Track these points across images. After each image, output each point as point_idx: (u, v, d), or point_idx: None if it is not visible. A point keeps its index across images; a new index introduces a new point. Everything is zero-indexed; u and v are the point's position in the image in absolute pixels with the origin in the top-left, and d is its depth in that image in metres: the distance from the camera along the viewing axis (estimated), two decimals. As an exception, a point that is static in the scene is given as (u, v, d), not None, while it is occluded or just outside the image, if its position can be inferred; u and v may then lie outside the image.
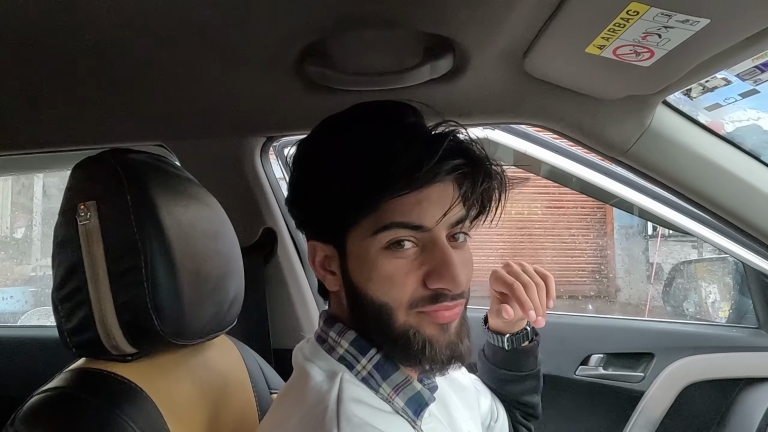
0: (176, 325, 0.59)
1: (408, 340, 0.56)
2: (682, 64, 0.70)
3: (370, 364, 0.59)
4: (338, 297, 0.62)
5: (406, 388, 0.59)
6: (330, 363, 0.60)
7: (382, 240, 0.54)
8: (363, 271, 0.56)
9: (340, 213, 0.56)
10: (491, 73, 0.86)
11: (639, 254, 5.74)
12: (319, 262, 0.61)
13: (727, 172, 0.94)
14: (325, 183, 0.57)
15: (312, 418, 0.54)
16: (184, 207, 0.64)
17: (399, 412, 0.59)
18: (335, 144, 0.58)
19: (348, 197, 0.54)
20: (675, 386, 1.21)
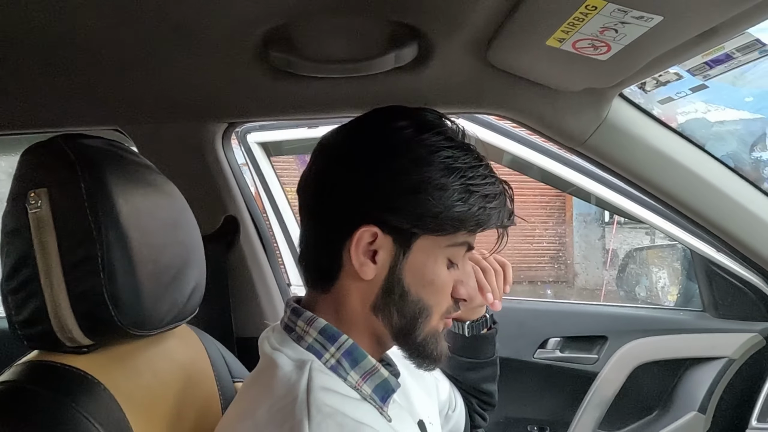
0: (135, 316, 0.58)
1: (428, 342, 0.62)
2: (637, 59, 0.73)
3: (339, 352, 0.60)
4: (353, 287, 0.60)
5: (374, 375, 0.60)
6: (298, 352, 0.60)
7: (451, 254, 0.61)
8: (420, 274, 0.59)
9: (434, 220, 0.57)
10: (456, 63, 0.86)
11: (595, 241, 5.95)
12: (363, 248, 0.58)
13: (678, 164, 0.99)
14: (428, 187, 0.57)
15: (281, 408, 0.54)
16: (143, 195, 0.62)
17: (367, 399, 0.59)
18: (444, 157, 0.58)
19: (451, 214, 0.57)
20: (626, 367, 1.27)
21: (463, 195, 0.57)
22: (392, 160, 0.57)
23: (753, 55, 0.77)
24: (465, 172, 0.58)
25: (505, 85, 0.90)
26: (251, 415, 0.56)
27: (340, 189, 0.59)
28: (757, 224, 1.03)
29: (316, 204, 0.61)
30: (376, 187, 0.57)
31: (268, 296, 1.13)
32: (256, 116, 0.99)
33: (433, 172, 0.57)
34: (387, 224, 0.57)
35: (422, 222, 0.57)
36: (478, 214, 0.58)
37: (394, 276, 0.59)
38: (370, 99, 0.92)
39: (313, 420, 0.52)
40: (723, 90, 3.97)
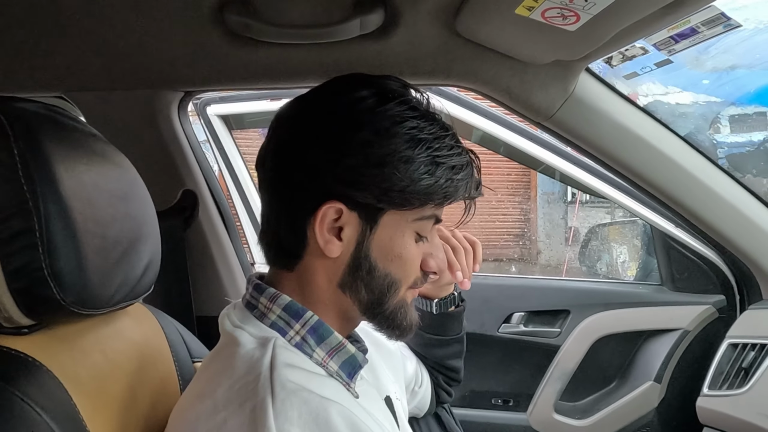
0: (80, 294, 0.54)
1: (397, 313, 0.61)
2: (605, 30, 0.72)
3: (303, 329, 0.58)
4: (318, 264, 0.58)
5: (340, 351, 0.59)
6: (261, 329, 0.57)
7: (419, 228, 0.59)
8: (387, 249, 0.58)
9: (400, 195, 0.55)
10: (423, 32, 0.84)
11: (558, 219, 6.10)
12: (328, 224, 0.56)
13: (641, 139, 1.00)
14: (393, 160, 0.54)
15: (243, 386, 0.52)
16: (86, 165, 0.57)
17: (333, 375, 0.58)
18: (409, 128, 0.55)
19: (417, 188, 0.55)
20: (587, 340, 1.30)
21: (429, 167, 0.55)
22: (354, 132, 0.54)
23: (717, 29, 0.77)
24: (431, 143, 0.55)
25: (473, 56, 0.89)
26: (211, 395, 0.54)
27: (300, 164, 0.56)
28: (715, 200, 1.06)
29: (277, 180, 0.58)
30: (338, 162, 0.54)
31: (230, 273, 1.09)
32: (213, 85, 0.94)
33: (397, 144, 0.54)
34: (352, 200, 0.55)
35: (388, 197, 0.55)
36: (446, 187, 0.56)
37: (361, 252, 0.57)
38: (333, 68, 0.89)
39: (276, 397, 0.50)
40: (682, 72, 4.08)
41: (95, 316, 0.60)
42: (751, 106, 4.70)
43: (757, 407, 0.98)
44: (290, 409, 0.50)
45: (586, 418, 1.31)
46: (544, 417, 1.31)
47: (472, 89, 0.96)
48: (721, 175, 1.07)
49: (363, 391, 0.60)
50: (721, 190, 1.06)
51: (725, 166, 2.23)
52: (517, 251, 6.23)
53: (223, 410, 0.52)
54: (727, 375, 1.08)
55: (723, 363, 1.10)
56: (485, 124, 1.29)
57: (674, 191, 1.05)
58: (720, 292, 1.24)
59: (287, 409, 0.49)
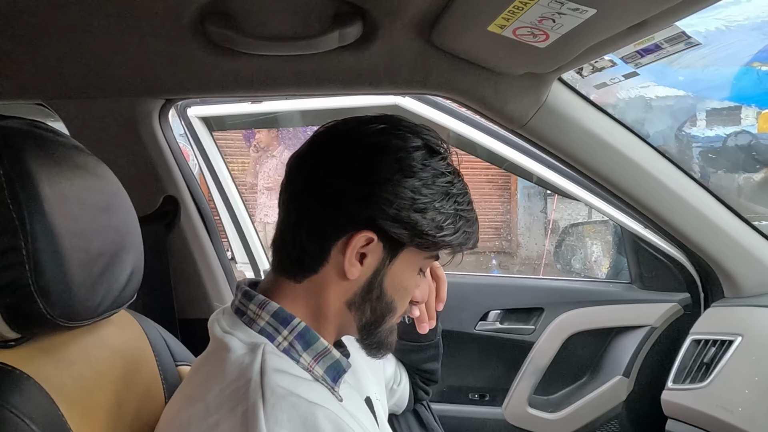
0: (65, 307, 0.55)
1: (388, 336, 0.67)
2: (573, 47, 0.75)
3: (291, 335, 0.60)
4: (333, 282, 0.62)
5: (326, 356, 0.62)
6: (250, 335, 0.60)
7: (424, 265, 0.66)
8: (398, 280, 0.64)
9: (429, 238, 0.61)
10: (400, 44, 0.86)
11: (538, 213, 6.19)
12: (358, 250, 0.60)
13: (610, 146, 1.04)
14: (430, 209, 0.60)
15: (234, 391, 0.54)
16: (70, 179, 0.59)
17: (319, 379, 0.61)
18: (445, 182, 0.62)
19: (442, 235, 0.61)
20: (560, 336, 1.34)
21: (453, 219, 0.62)
22: (406, 179, 0.59)
23: (680, 46, 0.81)
24: (458, 198, 0.62)
25: (449, 67, 0.91)
26: (202, 398, 0.56)
27: (347, 191, 0.59)
28: (680, 203, 1.10)
29: (314, 195, 0.61)
30: (387, 200, 0.59)
31: (212, 277, 1.11)
32: (194, 93, 0.94)
33: (435, 195, 0.60)
34: (385, 234, 0.60)
35: (421, 238, 0.61)
36: (461, 238, 0.63)
37: (377, 279, 0.62)
38: (313, 78, 0.90)
39: (267, 402, 0.52)
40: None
41: (80, 327, 0.62)
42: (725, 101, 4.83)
43: (716, 400, 1.04)
44: (280, 413, 0.52)
45: (558, 411, 1.36)
46: (518, 411, 1.36)
47: (449, 98, 0.98)
48: (685, 179, 1.12)
49: (346, 394, 0.63)
50: (685, 193, 1.11)
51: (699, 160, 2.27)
52: (497, 245, 6.31)
53: (215, 413, 0.54)
54: (690, 370, 1.14)
55: (686, 358, 1.16)
56: (461, 127, 1.32)
57: (641, 195, 1.09)
58: (685, 291, 1.30)
59: (277, 413, 0.52)
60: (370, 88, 0.92)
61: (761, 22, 3.73)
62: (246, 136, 4.79)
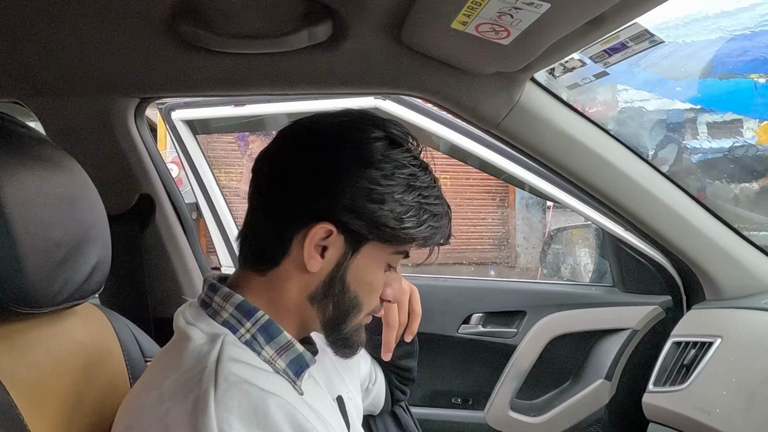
0: (19, 293, 0.56)
1: (353, 334, 0.66)
2: (536, 44, 0.76)
3: (254, 327, 0.61)
4: (294, 275, 0.62)
5: (288, 350, 0.62)
6: (212, 326, 0.60)
7: (391, 260, 0.65)
8: (361, 275, 0.63)
9: (390, 231, 0.60)
10: (370, 43, 0.87)
11: (536, 223, 6.18)
12: (316, 243, 0.60)
13: (585, 147, 1.04)
14: (390, 200, 0.60)
15: (189, 379, 0.54)
16: (30, 169, 0.60)
17: (280, 372, 0.61)
18: (408, 174, 0.61)
19: (404, 228, 0.61)
20: (542, 339, 1.34)
21: (417, 213, 0.61)
22: (364, 169, 0.59)
23: (644, 45, 0.82)
24: (422, 191, 0.62)
25: (420, 67, 0.92)
26: (158, 386, 0.56)
27: (305, 182, 0.60)
28: (657, 205, 1.11)
29: (276, 188, 0.62)
30: (343, 191, 0.59)
31: (187, 276, 1.11)
32: (167, 91, 0.96)
33: (396, 187, 0.60)
34: (344, 226, 0.60)
35: (379, 230, 0.60)
36: (426, 232, 0.63)
37: (338, 273, 0.62)
38: (285, 77, 0.92)
39: (219, 388, 0.52)
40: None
41: (39, 315, 0.62)
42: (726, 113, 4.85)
43: (695, 402, 1.03)
44: (230, 399, 0.52)
45: (540, 415, 1.34)
46: (500, 415, 1.35)
47: (422, 98, 0.99)
48: (663, 181, 1.12)
49: (310, 390, 0.63)
50: (664, 195, 1.11)
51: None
52: (496, 255, 6.29)
53: (167, 401, 0.54)
54: (670, 372, 1.13)
55: (667, 360, 1.15)
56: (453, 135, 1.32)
57: (619, 196, 1.09)
58: (667, 293, 1.29)
59: (228, 399, 0.52)
60: (342, 87, 0.93)
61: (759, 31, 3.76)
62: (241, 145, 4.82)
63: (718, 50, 4.08)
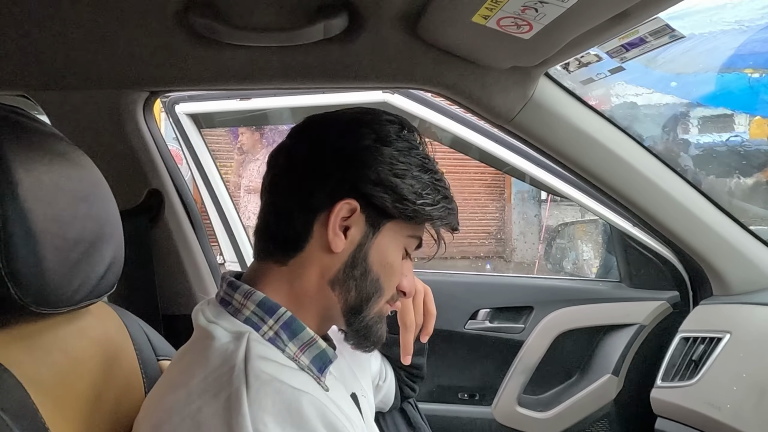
0: (38, 293, 0.54)
1: (374, 324, 0.66)
2: (557, 38, 0.75)
3: (277, 324, 0.60)
4: (317, 258, 0.62)
5: (312, 346, 0.61)
6: (235, 324, 0.60)
7: (407, 244, 0.66)
8: (382, 256, 0.63)
9: (411, 206, 0.61)
10: (386, 37, 0.86)
11: (532, 217, 6.20)
12: (340, 221, 0.61)
13: (598, 143, 1.04)
14: (409, 175, 0.62)
15: (218, 377, 0.54)
16: (47, 165, 0.58)
17: (304, 369, 0.60)
18: (421, 156, 0.64)
19: (424, 204, 0.62)
20: (549, 335, 1.34)
21: (432, 191, 0.63)
22: (383, 146, 0.61)
23: (664, 40, 0.81)
24: (434, 174, 0.64)
25: (435, 61, 0.91)
26: (185, 385, 0.55)
27: (328, 160, 0.61)
28: (668, 201, 1.11)
29: (295, 174, 0.62)
30: (367, 164, 0.60)
31: (197, 272, 1.10)
32: (178, 85, 0.94)
33: (412, 165, 0.62)
34: (368, 201, 0.60)
35: (402, 204, 0.61)
36: (441, 211, 0.64)
37: (361, 253, 0.62)
38: (299, 70, 0.90)
39: (251, 387, 0.52)
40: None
41: (56, 315, 0.61)
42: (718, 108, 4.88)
43: (704, 397, 1.03)
44: (264, 398, 0.52)
45: (548, 410, 1.35)
46: (508, 410, 1.35)
47: (435, 92, 0.98)
48: (674, 177, 1.12)
49: (332, 386, 0.63)
50: (673, 191, 1.11)
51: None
52: (492, 249, 6.31)
53: (197, 399, 0.53)
54: (678, 367, 1.13)
55: (675, 356, 1.16)
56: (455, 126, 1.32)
57: (629, 192, 1.09)
58: (674, 288, 1.30)
59: (261, 398, 0.52)
60: (356, 81, 0.92)
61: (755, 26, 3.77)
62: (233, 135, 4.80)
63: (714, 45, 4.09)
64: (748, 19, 3.68)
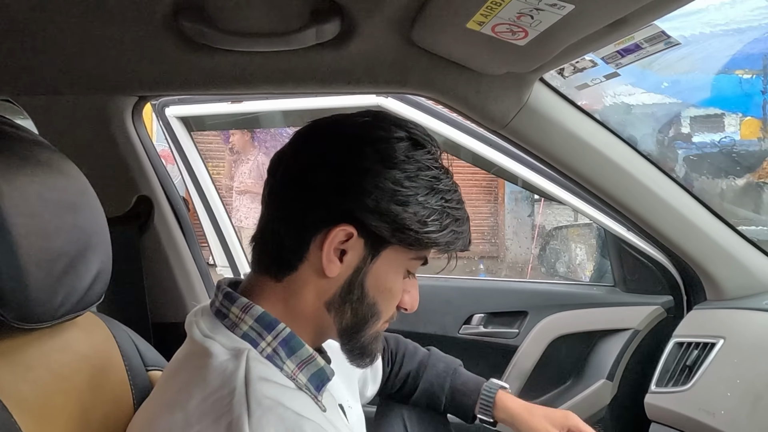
0: (20, 309, 0.52)
1: (371, 342, 0.64)
2: (553, 45, 0.74)
3: (275, 341, 0.58)
4: (311, 280, 0.59)
5: (310, 364, 0.60)
6: (233, 340, 0.58)
7: (410, 266, 0.62)
8: (381, 281, 0.60)
9: (413, 235, 0.58)
10: (380, 42, 0.85)
11: (525, 218, 6.22)
12: (336, 246, 0.58)
13: (592, 148, 1.03)
14: (413, 203, 0.58)
15: (217, 401, 0.52)
16: (29, 176, 0.56)
17: (302, 388, 0.58)
18: (431, 177, 0.60)
19: (427, 232, 0.59)
20: (544, 340, 1.33)
21: (440, 217, 0.59)
22: (388, 170, 0.57)
23: (659, 46, 0.80)
24: (444, 194, 0.60)
25: (429, 66, 0.90)
26: (182, 407, 0.53)
27: (326, 182, 0.58)
28: (662, 206, 1.10)
29: (294, 189, 0.59)
30: (366, 191, 0.57)
31: (187, 280, 1.08)
32: (168, 90, 0.92)
33: (419, 189, 0.58)
34: (366, 228, 0.57)
35: (402, 233, 0.58)
36: (448, 237, 0.61)
37: (358, 278, 0.59)
38: (291, 75, 0.89)
39: (253, 415, 0.50)
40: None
41: (38, 330, 0.59)
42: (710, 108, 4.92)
43: (698, 403, 1.03)
44: (267, 427, 0.50)
45: (542, 415, 1.34)
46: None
47: (430, 98, 0.97)
48: (668, 182, 1.12)
49: (327, 404, 0.61)
50: (668, 196, 1.10)
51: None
52: (485, 249, 6.32)
53: (196, 424, 0.51)
54: (672, 372, 1.13)
55: (669, 361, 1.15)
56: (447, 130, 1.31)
57: (624, 197, 1.09)
58: (668, 293, 1.30)
59: (263, 427, 0.50)
60: (350, 86, 0.91)
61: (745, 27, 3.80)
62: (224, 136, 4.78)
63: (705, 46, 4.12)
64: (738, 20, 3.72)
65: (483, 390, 0.91)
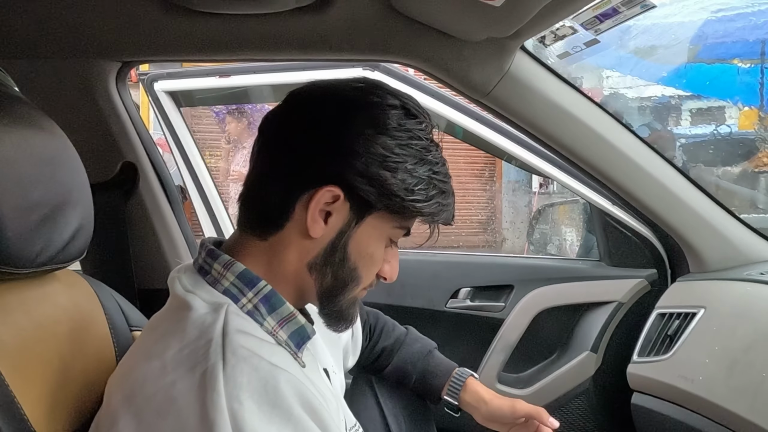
0: None
1: (348, 307, 0.65)
2: (527, 6, 0.75)
3: (256, 297, 0.59)
4: (295, 241, 0.60)
5: (290, 321, 0.60)
6: (213, 295, 0.58)
7: (393, 234, 0.63)
8: (363, 246, 0.61)
9: (399, 201, 0.59)
10: (360, 7, 0.85)
11: (522, 207, 6.23)
12: (321, 207, 0.58)
13: (575, 118, 1.04)
14: (401, 170, 0.59)
15: (194, 351, 0.53)
16: (6, 126, 0.57)
17: (282, 344, 0.59)
18: (420, 147, 0.61)
19: (413, 200, 0.59)
20: (529, 313, 1.34)
21: (426, 187, 0.60)
22: (378, 135, 0.58)
23: (636, 9, 0.81)
24: (433, 166, 0.61)
25: (410, 33, 0.91)
26: (159, 356, 0.54)
27: (317, 142, 0.58)
28: (644, 177, 1.11)
29: (284, 148, 0.60)
30: (356, 154, 0.57)
31: (172, 246, 1.09)
32: (150, 55, 0.93)
33: (408, 157, 0.59)
34: (353, 191, 0.58)
35: (388, 199, 0.59)
36: (433, 208, 0.62)
37: (341, 241, 0.60)
38: (272, 41, 0.89)
39: (227, 363, 0.51)
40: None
41: (18, 277, 0.60)
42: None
43: (678, 370, 1.04)
44: (240, 375, 0.51)
45: (527, 387, 1.36)
46: (487, 387, 1.36)
47: (412, 65, 0.98)
48: (650, 153, 1.13)
49: (308, 362, 0.62)
50: (650, 167, 1.11)
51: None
52: (482, 238, 6.34)
53: (172, 372, 0.52)
54: (654, 343, 1.14)
55: (651, 332, 1.16)
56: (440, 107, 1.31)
57: (606, 167, 1.10)
58: (652, 266, 1.31)
59: (237, 375, 0.51)
60: (331, 52, 0.91)
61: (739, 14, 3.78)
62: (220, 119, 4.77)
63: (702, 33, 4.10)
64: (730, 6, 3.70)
65: (454, 374, 0.93)
